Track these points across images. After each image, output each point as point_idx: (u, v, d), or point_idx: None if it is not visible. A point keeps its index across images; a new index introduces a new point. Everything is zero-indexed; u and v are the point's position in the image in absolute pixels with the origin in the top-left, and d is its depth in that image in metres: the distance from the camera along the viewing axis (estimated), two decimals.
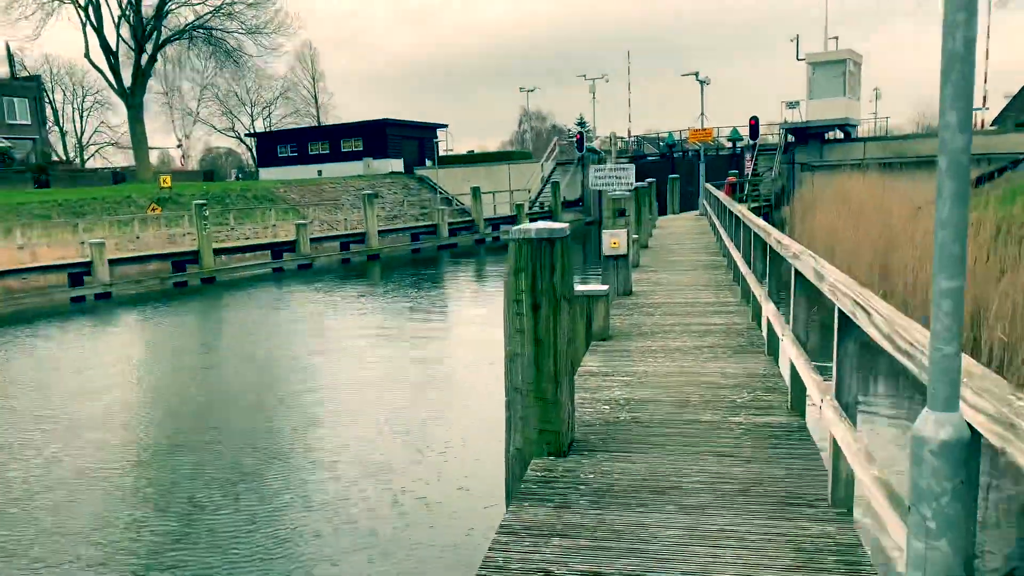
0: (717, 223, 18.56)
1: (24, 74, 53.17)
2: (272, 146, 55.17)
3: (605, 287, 9.46)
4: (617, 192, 11.09)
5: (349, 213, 40.60)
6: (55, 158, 56.87)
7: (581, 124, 77.43)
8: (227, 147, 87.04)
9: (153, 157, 76.56)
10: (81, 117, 79.04)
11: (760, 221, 9.19)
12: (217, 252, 25.96)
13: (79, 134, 79.53)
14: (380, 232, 31.96)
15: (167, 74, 58.08)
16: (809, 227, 23.78)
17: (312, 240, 29.00)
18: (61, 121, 77.19)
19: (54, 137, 79.47)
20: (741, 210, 10.80)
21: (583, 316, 8.42)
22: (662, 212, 30.58)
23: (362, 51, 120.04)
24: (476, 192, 36.80)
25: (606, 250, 11.13)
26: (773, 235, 7.19)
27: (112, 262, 22.91)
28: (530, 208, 43.60)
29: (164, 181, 35.29)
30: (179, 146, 60.20)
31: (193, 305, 22.39)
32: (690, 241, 19.94)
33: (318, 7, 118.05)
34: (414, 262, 30.56)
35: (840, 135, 38.24)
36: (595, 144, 46.42)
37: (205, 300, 22.99)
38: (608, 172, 11.51)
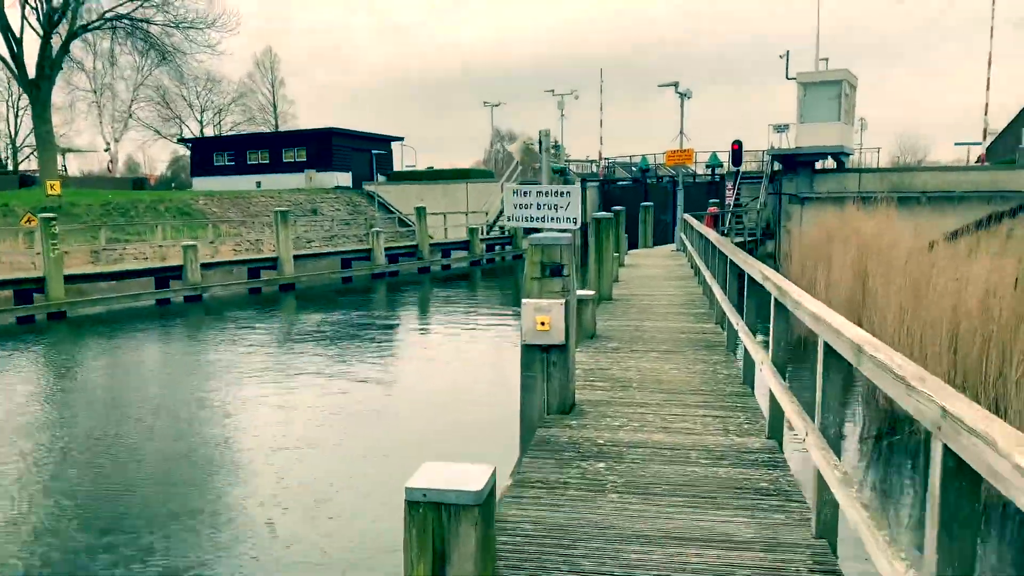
0: (702, 266, 14.00)
1: None
2: (208, 154, 49.96)
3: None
4: (547, 235, 6.38)
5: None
6: None
7: (555, 147, 73.23)
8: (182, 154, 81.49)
9: (87, 162, 70.63)
10: (17, 116, 73.04)
11: (786, 283, 4.85)
12: (73, 279, 20.75)
13: (12, 135, 73.48)
14: (298, 257, 26.95)
15: (96, 71, 52.65)
16: (812, 277, 19.32)
17: (211, 265, 23.92)
18: None
19: None
20: (762, 269, 6.23)
21: None
22: (632, 245, 26.02)
23: (339, 64, 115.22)
24: (420, 213, 32.01)
25: (528, 335, 6.39)
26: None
27: None
28: (487, 232, 38.94)
29: (52, 187, 29.98)
30: (107, 149, 54.73)
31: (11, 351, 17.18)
32: (668, 287, 15.33)
33: (297, 16, 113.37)
34: (339, 293, 25.62)
35: (832, 164, 34.17)
36: (561, 163, 41.98)
37: (30, 344, 17.77)
38: (535, 198, 6.71)
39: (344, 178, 44.29)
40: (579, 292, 10.21)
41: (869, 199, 29.29)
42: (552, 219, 6.74)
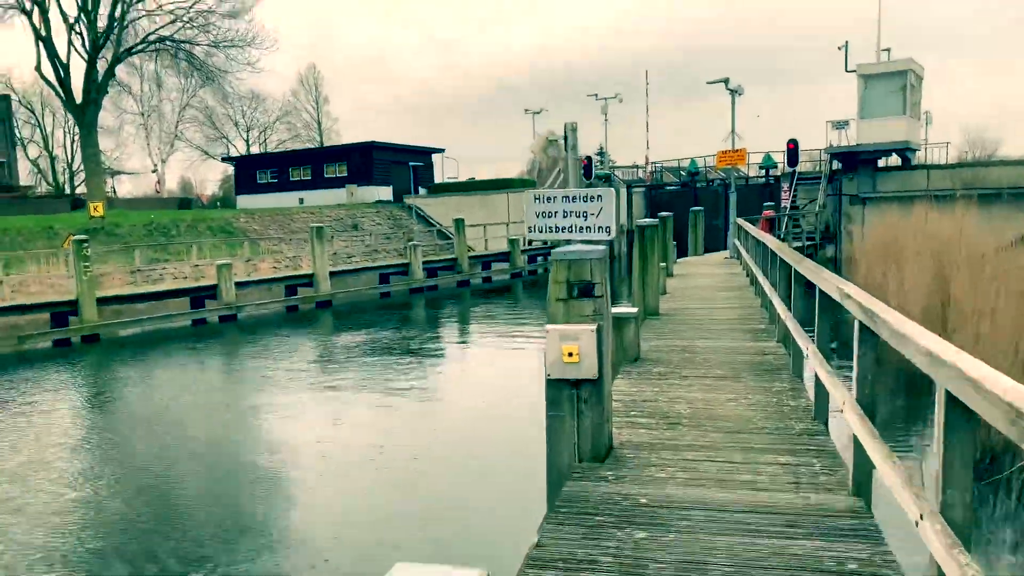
0: (759, 275, 12.66)
1: None
2: (251, 171, 50.11)
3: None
4: (575, 249, 5.29)
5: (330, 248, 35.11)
6: (21, 183, 52.21)
7: (600, 153, 71.98)
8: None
9: (138, 184, 71.89)
10: (73, 141, 74.98)
11: (878, 304, 3.61)
12: (107, 300, 20.36)
13: (69, 159, 75.47)
14: (335, 273, 26.29)
15: (143, 94, 53.47)
16: (880, 283, 17.71)
17: (246, 283, 23.37)
18: (52, 146, 73.32)
19: (43, 162, 75.65)
20: (840, 284, 5.03)
21: None
22: (682, 253, 24.64)
23: (384, 79, 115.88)
24: (459, 225, 31.12)
25: (553, 368, 5.27)
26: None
27: None
28: (528, 243, 37.86)
29: (95, 209, 30.01)
30: (154, 171, 55.49)
31: (40, 375, 16.72)
32: (722, 299, 14.00)
33: (341, 32, 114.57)
34: (376, 310, 24.85)
35: (896, 162, 32.21)
36: (606, 169, 40.73)
37: (61, 368, 17.31)
38: (561, 205, 5.57)
39: (385, 192, 43.81)
40: (621, 309, 9.09)
41: (939, 198, 27.38)
42: (581, 229, 5.62)
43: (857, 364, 4.43)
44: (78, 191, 67.92)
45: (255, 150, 72.66)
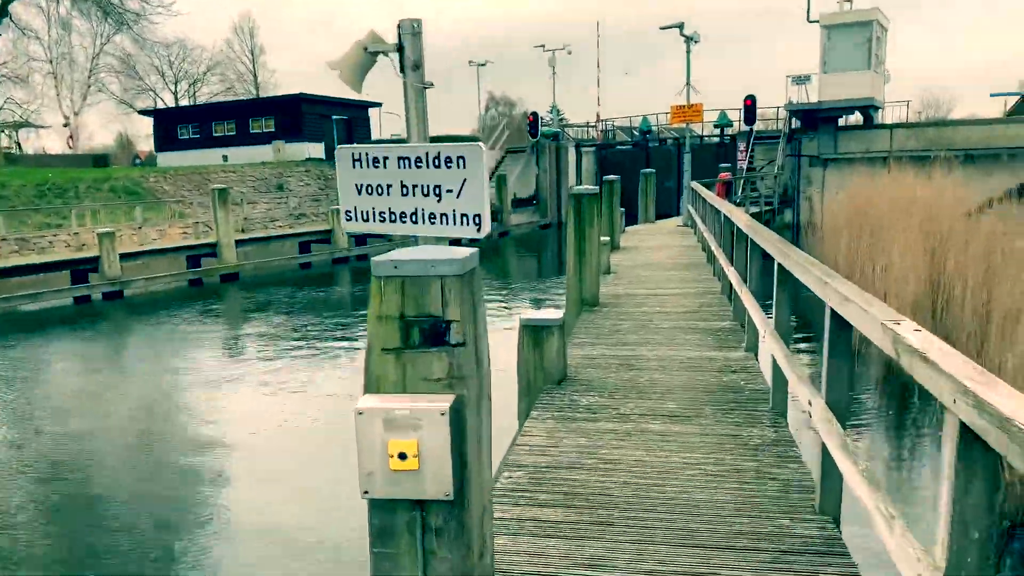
0: (720, 255, 10.42)
1: None
2: (171, 126, 46.04)
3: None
4: (413, 257, 2.77)
5: (238, 211, 31.96)
6: None
7: (554, 111, 68.90)
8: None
9: (49, 139, 66.53)
10: None
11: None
12: None
13: None
14: (246, 241, 23.38)
15: (50, 39, 48.64)
16: (851, 257, 15.68)
17: (135, 255, 20.35)
18: None
19: None
20: (843, 288, 2.73)
21: None
22: (631, 220, 22.35)
23: (332, 34, 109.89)
24: None
25: (375, 480, 2.85)
26: None
27: None
28: None
29: None
30: (66, 124, 50.81)
31: None
32: (676, 281, 11.70)
33: None
34: (291, 283, 22.08)
35: (859, 120, 30.29)
36: (555, 127, 38.14)
37: None
38: (394, 173, 3.05)
39: (316, 149, 40.42)
40: (540, 315, 6.72)
41: (914, 159, 25.51)
42: (431, 218, 3.14)
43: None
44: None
45: (185, 104, 67.88)
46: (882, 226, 16.14)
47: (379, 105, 46.66)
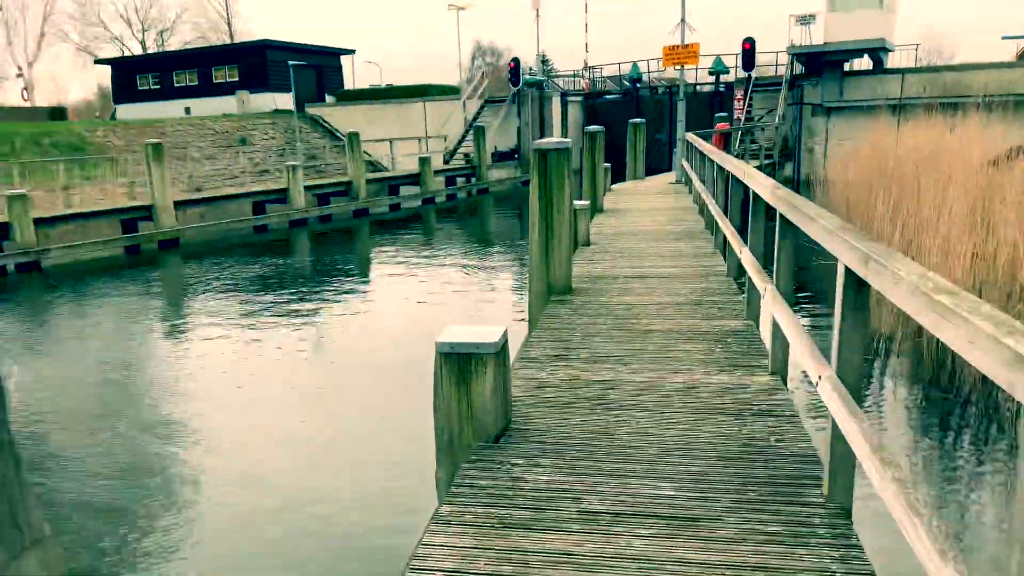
0: (724, 225, 8.22)
1: None
2: (131, 77, 42.96)
3: None
4: None
5: (196, 167, 29.39)
6: None
7: (542, 60, 65.40)
8: None
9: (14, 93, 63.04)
10: None
11: None
12: None
13: None
14: (192, 202, 20.93)
15: None
16: (874, 222, 13.46)
17: (56, 220, 17.89)
18: None
19: None
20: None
21: None
22: (618, 176, 20.00)
23: None
24: (352, 139, 25.69)
25: None
26: None
27: None
28: (446, 161, 32.70)
29: None
30: (19, 75, 47.41)
31: None
32: (667, 257, 9.47)
33: None
34: (238, 249, 19.73)
35: (867, 65, 27.78)
36: (540, 75, 35.40)
37: None
38: None
39: (283, 100, 37.54)
40: (469, 334, 4.52)
41: (912, 107, 23.25)
42: None
43: None
44: None
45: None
46: (905, 180, 13.96)
47: (352, 52, 43.65)
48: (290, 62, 31.96)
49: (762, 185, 5.62)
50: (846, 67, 27.66)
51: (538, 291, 7.79)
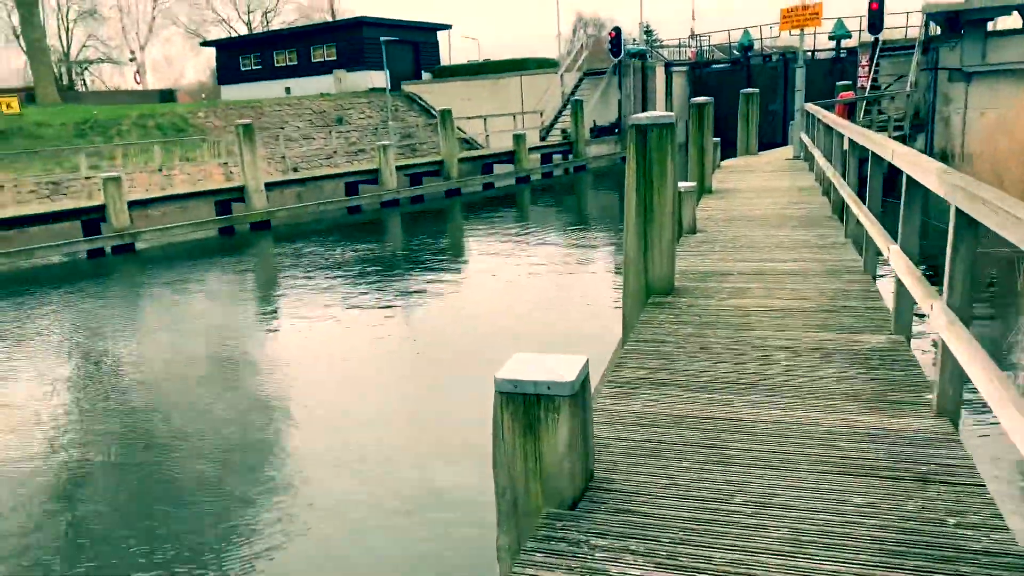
0: (858, 209, 6.84)
1: None
2: (234, 58, 43.84)
3: None
4: None
5: (292, 148, 29.48)
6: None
7: (647, 32, 62.93)
8: None
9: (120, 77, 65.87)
10: (67, 30, 68.91)
11: None
12: None
13: (65, 50, 69.60)
14: (275, 184, 20.72)
15: None
16: None
17: (148, 202, 17.99)
18: (48, 36, 67.41)
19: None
20: None
21: None
22: (728, 153, 18.35)
23: None
24: (445, 116, 24.92)
25: None
26: None
27: None
28: (543, 138, 31.55)
29: (7, 105, 24.63)
30: (132, 59, 49.35)
31: None
32: (792, 252, 8.13)
33: None
34: (337, 231, 19.37)
35: (1016, 23, 24.68)
36: (642, 45, 33.65)
37: None
38: None
39: (380, 78, 37.25)
40: (537, 370, 3.48)
41: None
42: None
43: None
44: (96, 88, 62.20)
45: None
46: None
47: (449, 27, 42.97)
48: (382, 38, 31.49)
49: (924, 168, 4.29)
50: (989, 27, 24.68)
51: (635, 291, 6.66)
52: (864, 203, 6.80)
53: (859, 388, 4.41)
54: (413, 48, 40.45)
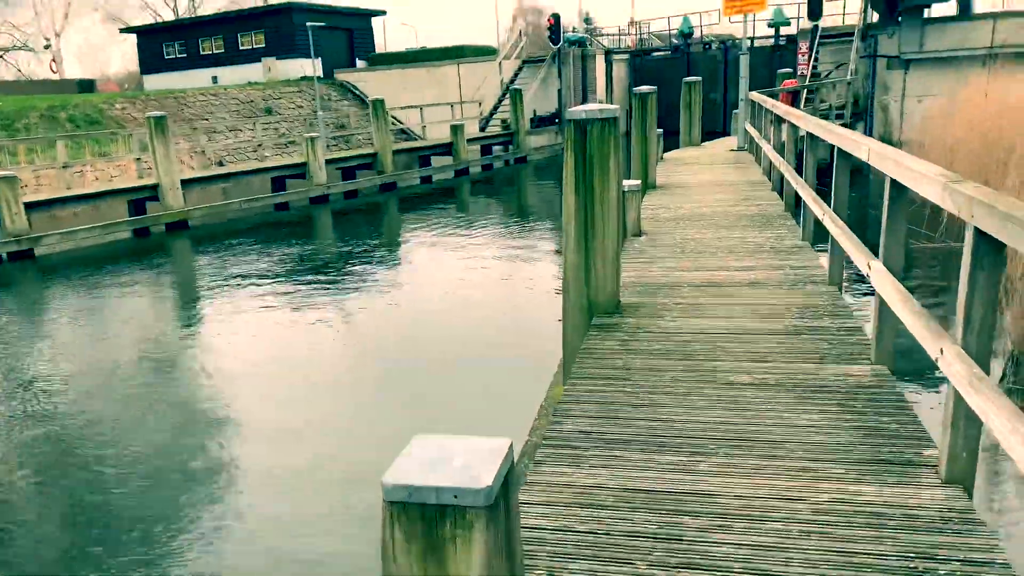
0: (822, 212, 6.13)
1: None
2: (157, 45, 41.54)
3: None
4: None
5: (217, 141, 27.85)
6: None
7: (587, 20, 62.08)
8: None
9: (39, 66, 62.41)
10: None
11: None
12: None
13: None
14: (193, 181, 19.28)
15: None
16: None
17: (48, 203, 16.42)
18: None
19: None
20: None
21: None
22: (670, 143, 17.70)
23: None
24: (377, 107, 23.70)
25: None
26: None
27: None
28: (482, 128, 30.57)
29: None
30: (47, 47, 46.42)
31: None
32: (747, 257, 7.41)
33: None
34: (261, 230, 18.06)
35: (952, 9, 24.68)
36: (581, 33, 32.90)
37: None
38: None
39: (311, 66, 35.72)
40: (439, 474, 2.54)
41: (1005, 57, 20.44)
42: None
43: None
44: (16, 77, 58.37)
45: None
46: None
47: (383, 13, 41.49)
48: (313, 24, 30.00)
49: (922, 175, 3.53)
50: (926, 14, 24.63)
51: (576, 309, 5.82)
52: (829, 204, 6.08)
53: (847, 442, 3.64)
54: (347, 35, 38.90)
